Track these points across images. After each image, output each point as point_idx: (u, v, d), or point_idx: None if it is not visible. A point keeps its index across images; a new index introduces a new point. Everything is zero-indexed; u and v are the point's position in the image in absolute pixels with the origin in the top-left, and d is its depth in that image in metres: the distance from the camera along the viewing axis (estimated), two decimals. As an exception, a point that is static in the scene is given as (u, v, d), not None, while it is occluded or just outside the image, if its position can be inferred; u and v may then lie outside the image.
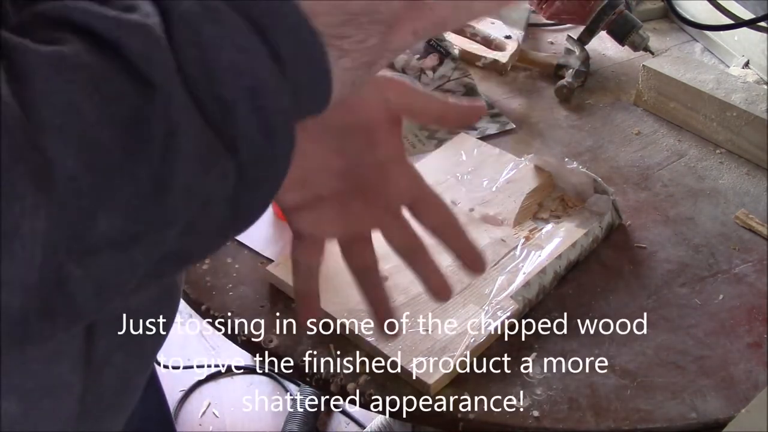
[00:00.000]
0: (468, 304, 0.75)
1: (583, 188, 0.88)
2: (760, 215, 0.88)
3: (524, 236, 0.83)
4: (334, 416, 1.69)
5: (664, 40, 1.25)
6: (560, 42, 1.22)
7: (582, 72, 1.11)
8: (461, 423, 0.67)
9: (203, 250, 0.35)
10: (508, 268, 0.78)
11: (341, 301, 0.75)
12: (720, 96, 0.98)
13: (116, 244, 0.29)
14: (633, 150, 1.00)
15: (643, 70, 1.06)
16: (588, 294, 0.79)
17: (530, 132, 1.04)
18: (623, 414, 0.68)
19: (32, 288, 0.28)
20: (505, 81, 1.14)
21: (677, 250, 0.85)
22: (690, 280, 0.81)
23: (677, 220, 0.89)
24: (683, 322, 0.76)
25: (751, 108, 0.96)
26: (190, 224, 0.31)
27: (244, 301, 0.79)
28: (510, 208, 0.86)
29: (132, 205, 0.29)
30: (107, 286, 0.30)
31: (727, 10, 1.13)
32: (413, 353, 0.70)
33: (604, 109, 1.09)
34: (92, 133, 0.27)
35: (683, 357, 0.73)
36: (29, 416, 0.43)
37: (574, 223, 0.83)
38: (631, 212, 0.89)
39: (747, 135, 0.96)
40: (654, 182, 0.95)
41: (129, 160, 0.28)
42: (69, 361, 0.43)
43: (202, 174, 0.30)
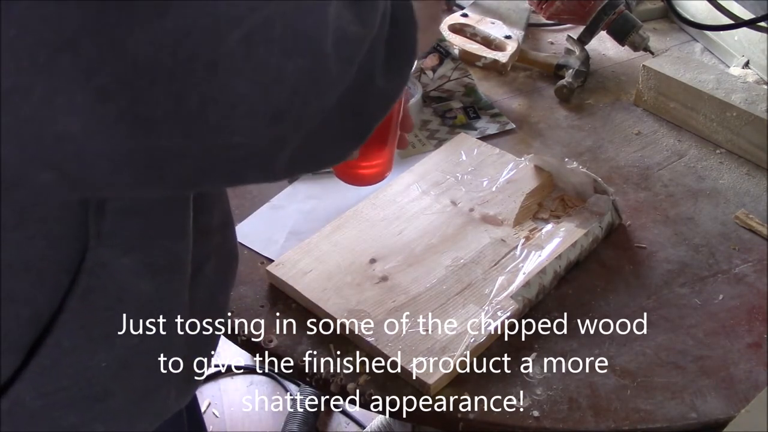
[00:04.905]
0: (468, 304, 0.75)
1: (583, 188, 0.88)
2: (760, 215, 0.89)
3: (524, 236, 0.83)
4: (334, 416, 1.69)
5: (664, 40, 1.25)
6: (560, 42, 1.22)
7: (582, 72, 1.11)
8: (461, 423, 0.67)
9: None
10: (508, 268, 0.78)
11: (341, 301, 0.75)
12: (720, 96, 0.98)
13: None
14: (633, 150, 1.00)
15: (643, 70, 1.06)
16: (588, 294, 0.79)
17: (530, 132, 1.04)
18: (623, 414, 0.68)
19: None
20: (505, 81, 1.14)
21: (677, 250, 0.85)
22: (690, 280, 0.81)
23: (677, 220, 0.89)
24: (683, 322, 0.76)
25: (751, 108, 0.96)
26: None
27: (244, 301, 0.79)
28: (510, 208, 0.86)
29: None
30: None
31: (727, 10, 1.13)
32: (413, 353, 0.70)
33: (604, 109, 1.09)
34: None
35: (683, 357, 0.73)
36: (159, 291, 0.53)
37: (574, 223, 0.83)
38: (631, 212, 0.89)
39: (747, 135, 0.96)
40: (654, 182, 0.95)
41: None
42: (184, 239, 0.54)
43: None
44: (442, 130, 1.03)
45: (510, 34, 1.17)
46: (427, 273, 0.79)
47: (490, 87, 1.12)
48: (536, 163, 0.91)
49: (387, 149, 0.74)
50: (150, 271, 0.52)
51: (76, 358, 0.50)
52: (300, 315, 0.77)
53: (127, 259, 0.50)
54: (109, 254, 0.48)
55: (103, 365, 0.51)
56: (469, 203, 0.87)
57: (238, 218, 0.88)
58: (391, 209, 0.87)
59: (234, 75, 0.36)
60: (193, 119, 0.36)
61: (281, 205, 0.91)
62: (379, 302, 0.75)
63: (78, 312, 0.48)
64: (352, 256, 0.81)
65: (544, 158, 0.91)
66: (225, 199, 0.65)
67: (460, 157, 0.94)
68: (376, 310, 0.74)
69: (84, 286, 0.48)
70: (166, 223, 0.52)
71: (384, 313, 0.74)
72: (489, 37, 1.17)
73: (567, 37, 1.17)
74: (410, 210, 0.86)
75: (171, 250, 0.53)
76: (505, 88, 1.13)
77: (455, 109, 1.06)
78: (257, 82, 0.36)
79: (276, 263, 0.80)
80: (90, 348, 0.50)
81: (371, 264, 0.80)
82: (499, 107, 1.08)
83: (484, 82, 1.13)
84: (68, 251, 0.47)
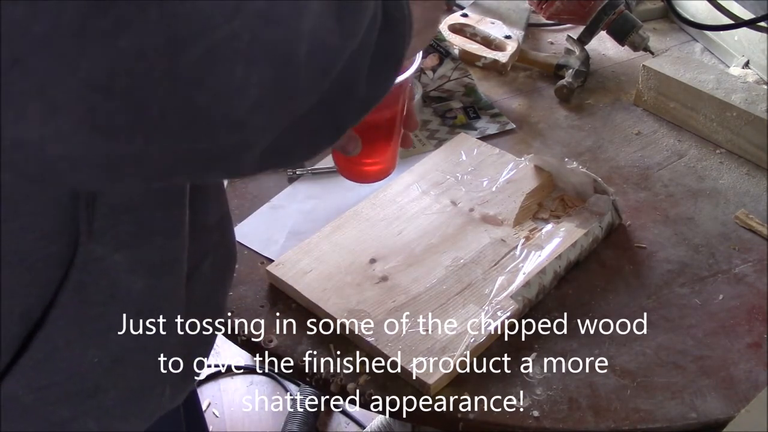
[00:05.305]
0: (468, 304, 0.75)
1: (583, 188, 0.88)
2: (760, 215, 0.88)
3: (524, 236, 0.83)
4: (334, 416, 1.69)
5: (664, 40, 1.25)
6: (560, 42, 1.22)
7: (582, 72, 1.11)
8: (461, 423, 0.67)
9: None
10: (508, 268, 0.78)
11: (341, 301, 0.75)
12: (720, 96, 0.98)
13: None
14: (633, 150, 1.00)
15: (643, 70, 1.06)
16: (588, 294, 0.79)
17: (530, 132, 1.04)
18: (623, 414, 0.68)
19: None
20: (505, 81, 1.14)
21: (677, 250, 0.85)
22: (690, 280, 0.81)
23: (677, 220, 0.89)
24: (683, 322, 0.76)
25: (751, 108, 0.96)
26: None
27: (244, 301, 0.79)
28: (510, 208, 0.86)
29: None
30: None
31: (727, 10, 1.13)
32: (413, 353, 0.70)
33: (604, 109, 1.09)
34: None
35: (683, 357, 0.73)
36: (153, 289, 0.53)
37: (574, 223, 0.83)
38: (631, 212, 0.89)
39: (747, 135, 0.96)
40: (654, 182, 0.95)
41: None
42: (179, 237, 0.54)
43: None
44: (442, 130, 1.03)
45: (510, 34, 1.17)
46: (427, 273, 0.79)
47: (490, 87, 1.12)
48: (536, 163, 0.91)
49: (391, 146, 0.74)
50: (144, 268, 0.52)
51: (69, 354, 0.50)
52: (300, 315, 0.77)
53: (119, 255, 0.50)
54: (101, 250, 0.48)
55: (95, 361, 0.51)
56: (469, 203, 0.87)
57: (238, 218, 0.88)
58: (391, 209, 0.87)
59: (194, 87, 0.35)
60: (154, 127, 0.36)
61: (281, 205, 0.91)
62: (379, 302, 0.75)
63: (70, 307, 0.48)
64: (352, 256, 0.81)
65: (544, 158, 0.91)
66: (223, 196, 0.65)
67: (460, 157, 0.94)
68: (376, 310, 0.74)
69: (76, 282, 0.48)
70: (161, 221, 0.52)
71: (384, 313, 0.74)
72: (489, 37, 1.17)
73: (567, 37, 1.17)
74: (410, 210, 0.86)
75: (165, 247, 0.53)
76: (505, 88, 1.13)
77: (455, 109, 1.06)
78: (218, 93, 0.36)
79: (276, 263, 0.80)
80: (82, 343, 0.50)
81: (371, 264, 0.80)
82: (499, 107, 1.08)
83: (484, 82, 1.13)
84: (59, 246, 0.47)
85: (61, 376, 0.50)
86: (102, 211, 0.47)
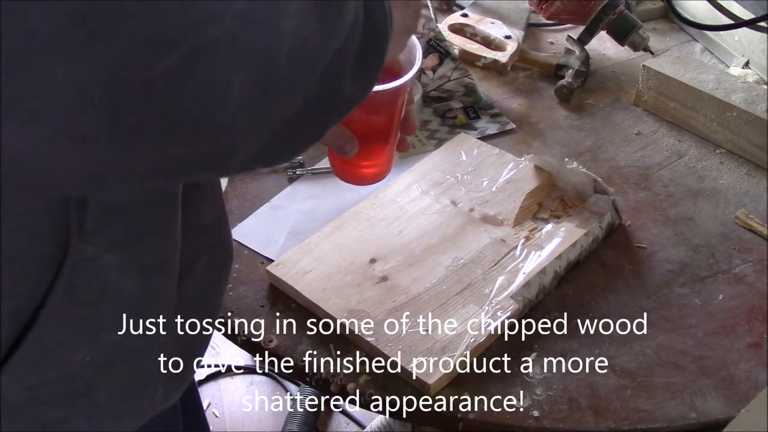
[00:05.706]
0: (468, 304, 0.75)
1: (583, 188, 0.88)
2: (760, 215, 0.88)
3: (524, 236, 0.83)
4: (334, 416, 1.69)
5: (664, 40, 1.25)
6: (560, 42, 1.22)
7: (582, 72, 1.11)
8: (461, 423, 0.67)
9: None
10: (508, 268, 0.78)
11: (341, 301, 0.75)
12: (720, 96, 0.98)
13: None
14: (633, 150, 1.00)
15: (643, 70, 1.06)
16: (588, 294, 0.79)
17: (530, 132, 1.04)
18: (623, 414, 0.68)
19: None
20: (505, 81, 1.14)
21: (677, 250, 0.85)
22: (690, 280, 0.81)
23: (677, 220, 0.89)
24: (683, 322, 0.76)
25: (751, 108, 0.96)
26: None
27: (244, 301, 0.79)
28: (510, 208, 0.86)
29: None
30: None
31: (727, 10, 1.13)
32: (413, 353, 0.70)
33: (604, 109, 1.09)
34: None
35: (683, 357, 0.73)
36: (145, 289, 0.53)
37: (574, 223, 0.83)
38: (631, 212, 0.89)
39: (747, 135, 0.96)
40: (654, 182, 0.95)
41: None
42: (171, 237, 0.54)
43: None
44: (442, 130, 1.03)
45: (510, 34, 1.17)
46: (427, 273, 0.79)
47: (490, 87, 1.12)
48: (536, 163, 0.91)
49: (388, 148, 0.74)
50: (135, 268, 0.52)
51: (60, 353, 0.50)
52: (300, 315, 0.77)
53: (110, 256, 0.50)
54: (92, 251, 0.48)
55: (87, 360, 0.51)
56: (469, 203, 0.87)
57: (238, 218, 0.88)
58: (391, 209, 0.87)
59: (176, 92, 0.35)
60: (132, 134, 0.36)
61: (281, 205, 0.91)
62: (379, 302, 0.75)
63: (61, 307, 0.48)
64: (352, 256, 0.81)
65: (544, 158, 0.91)
66: (219, 197, 0.65)
67: (460, 157, 0.94)
68: (376, 310, 0.74)
69: (67, 282, 0.48)
70: (152, 222, 0.52)
71: (384, 313, 0.74)
72: (489, 37, 1.17)
73: (567, 37, 1.17)
74: (410, 210, 0.86)
75: (157, 248, 0.53)
76: (505, 88, 1.13)
77: (455, 109, 1.06)
78: (200, 98, 0.36)
79: (276, 263, 0.80)
80: (73, 343, 0.50)
81: (371, 264, 0.80)
82: (499, 107, 1.08)
83: (484, 82, 1.13)
84: (50, 247, 0.47)
85: (53, 375, 0.50)
86: (93, 212, 0.47)
